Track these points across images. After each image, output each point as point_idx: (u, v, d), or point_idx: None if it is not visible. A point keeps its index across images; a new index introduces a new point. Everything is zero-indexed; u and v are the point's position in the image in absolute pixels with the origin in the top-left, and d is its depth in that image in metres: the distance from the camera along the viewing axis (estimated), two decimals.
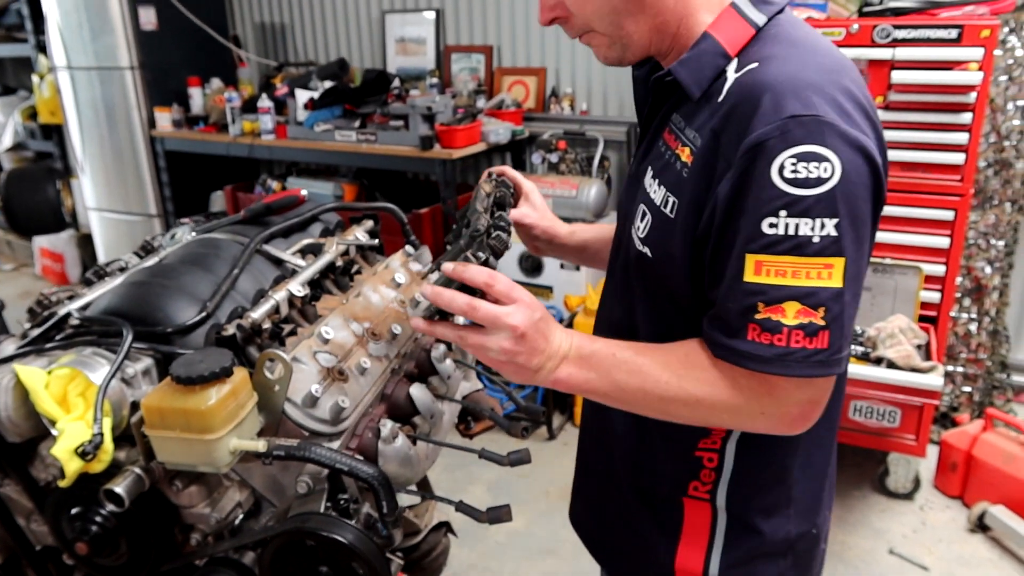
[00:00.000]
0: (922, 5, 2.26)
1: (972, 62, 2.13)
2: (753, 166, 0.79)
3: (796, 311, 0.79)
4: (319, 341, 1.10)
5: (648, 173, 0.98)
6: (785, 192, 0.78)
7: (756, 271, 0.80)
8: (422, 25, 4.26)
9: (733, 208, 0.81)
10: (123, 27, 4.26)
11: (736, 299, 0.82)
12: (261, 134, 3.92)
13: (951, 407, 3.03)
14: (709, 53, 0.89)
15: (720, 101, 0.85)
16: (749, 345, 0.81)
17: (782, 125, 0.78)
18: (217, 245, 1.23)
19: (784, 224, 0.78)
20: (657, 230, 0.93)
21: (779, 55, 0.84)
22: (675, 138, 0.93)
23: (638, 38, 0.94)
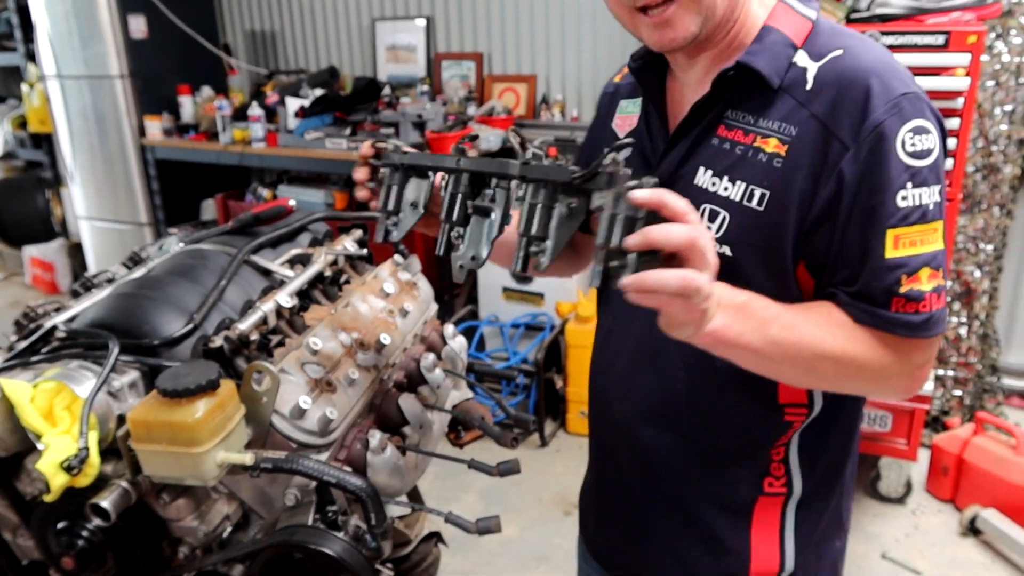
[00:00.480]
0: (909, 11, 2.27)
1: (959, 68, 2.15)
2: (880, 144, 0.85)
3: (928, 276, 0.86)
4: (307, 352, 1.10)
5: (702, 173, 0.97)
6: (909, 165, 0.85)
7: (895, 245, 0.85)
8: (413, 33, 4.26)
9: (865, 187, 0.86)
10: (113, 35, 4.26)
11: (879, 276, 0.86)
12: (252, 142, 3.92)
13: (942, 411, 3.04)
14: (779, 44, 0.92)
15: (810, 89, 0.90)
16: (897, 316, 0.86)
17: (897, 103, 0.85)
18: (205, 256, 1.23)
19: (912, 195, 0.85)
20: (741, 227, 0.93)
21: (856, 45, 0.91)
22: (743, 132, 0.94)
23: (718, 11, 0.91)
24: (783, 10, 0.95)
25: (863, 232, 0.86)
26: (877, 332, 0.87)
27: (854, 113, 0.86)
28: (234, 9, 4.91)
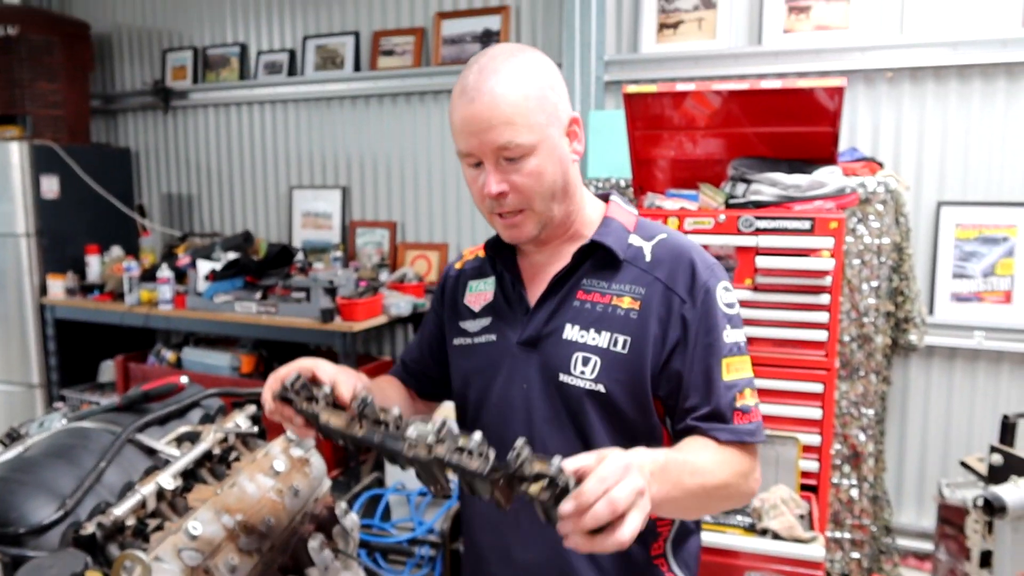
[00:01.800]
0: (779, 199, 2.52)
1: (824, 250, 2.37)
2: (708, 297, 1.17)
3: (750, 393, 1.16)
4: (186, 538, 1.07)
5: (569, 328, 1.21)
6: (728, 314, 1.18)
7: (727, 370, 1.15)
8: (329, 201, 4.41)
9: (703, 329, 1.16)
10: (23, 195, 4.24)
11: (723, 396, 1.14)
12: (159, 304, 3.88)
13: (842, 574, 3.08)
14: (619, 229, 1.24)
15: (649, 261, 1.22)
16: (741, 426, 1.13)
17: (712, 268, 1.20)
18: (86, 435, 1.20)
19: (732, 335, 1.17)
20: (611, 367, 1.18)
21: (671, 231, 1.27)
22: (600, 294, 1.21)
23: (555, 219, 1.21)
24: (615, 207, 1.28)
25: (705, 363, 1.15)
26: (733, 447, 1.12)
27: (687, 277, 1.18)
28: (151, 172, 5.00)
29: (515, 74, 1.13)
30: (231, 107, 4.64)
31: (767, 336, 2.50)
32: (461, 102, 1.14)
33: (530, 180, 1.14)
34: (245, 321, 3.66)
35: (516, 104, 1.11)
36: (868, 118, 3.26)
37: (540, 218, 1.19)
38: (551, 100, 1.15)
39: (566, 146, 1.19)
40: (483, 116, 1.11)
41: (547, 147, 1.14)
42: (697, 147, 2.90)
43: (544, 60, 1.19)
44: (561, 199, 1.20)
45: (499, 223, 1.22)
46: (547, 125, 1.14)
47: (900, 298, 2.99)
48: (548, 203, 1.18)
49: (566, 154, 1.19)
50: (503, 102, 1.10)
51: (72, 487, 1.06)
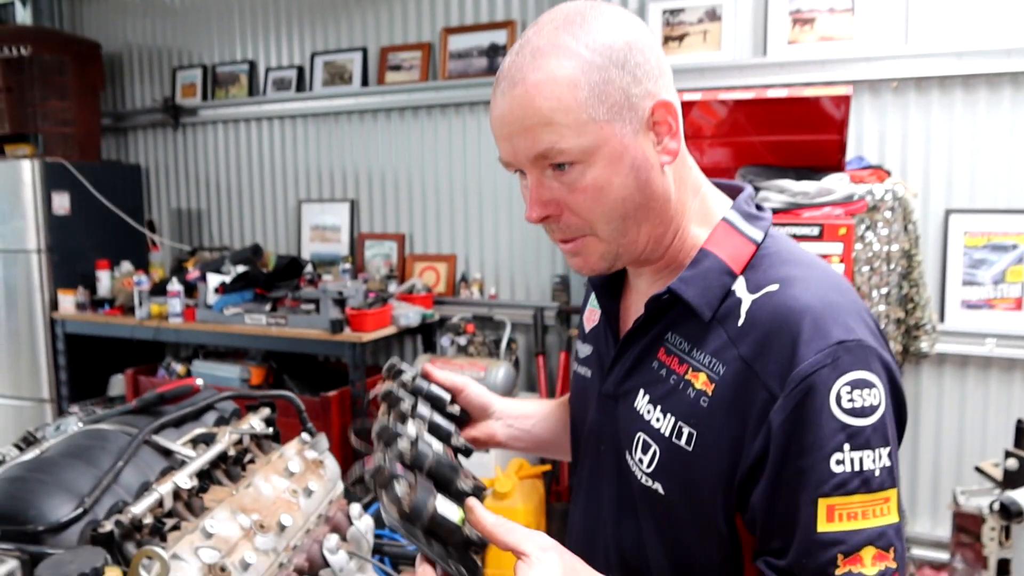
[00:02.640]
0: (787, 206, 2.53)
1: (834, 255, 2.38)
2: (809, 398, 0.74)
3: (872, 556, 0.72)
4: (202, 536, 1.07)
5: (641, 396, 0.89)
6: (846, 424, 0.73)
7: (829, 517, 0.72)
8: (337, 214, 4.44)
9: (792, 445, 0.74)
10: (34, 212, 4.28)
11: (812, 554, 0.73)
12: (169, 317, 3.90)
13: None
14: (715, 272, 0.85)
15: (741, 325, 0.81)
16: None
17: (832, 352, 0.75)
18: (103, 437, 1.21)
19: (850, 459, 0.73)
20: (671, 464, 0.84)
21: (798, 276, 0.81)
22: (679, 361, 0.86)
23: (635, 245, 0.87)
24: (724, 231, 0.87)
25: (792, 498, 0.75)
26: None
27: (781, 357, 0.76)
28: (161, 188, 5.04)
29: (562, 50, 0.79)
30: (240, 123, 4.68)
31: None
32: (495, 93, 0.84)
33: (587, 198, 0.82)
34: (255, 333, 3.68)
35: (554, 96, 0.79)
36: (874, 127, 3.27)
37: (609, 247, 0.86)
38: (618, 84, 0.79)
39: (649, 146, 0.83)
40: (515, 114, 0.81)
41: (611, 151, 0.81)
42: (704, 156, 2.91)
43: (616, 22, 0.82)
44: (642, 219, 0.85)
45: (563, 251, 0.90)
46: (610, 120, 0.80)
47: (910, 305, 2.98)
48: (619, 226, 0.84)
49: (646, 157, 0.82)
50: (541, 94, 0.79)
51: (90, 486, 1.07)
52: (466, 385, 1.09)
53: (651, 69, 0.82)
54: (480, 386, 1.12)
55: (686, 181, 0.89)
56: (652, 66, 0.82)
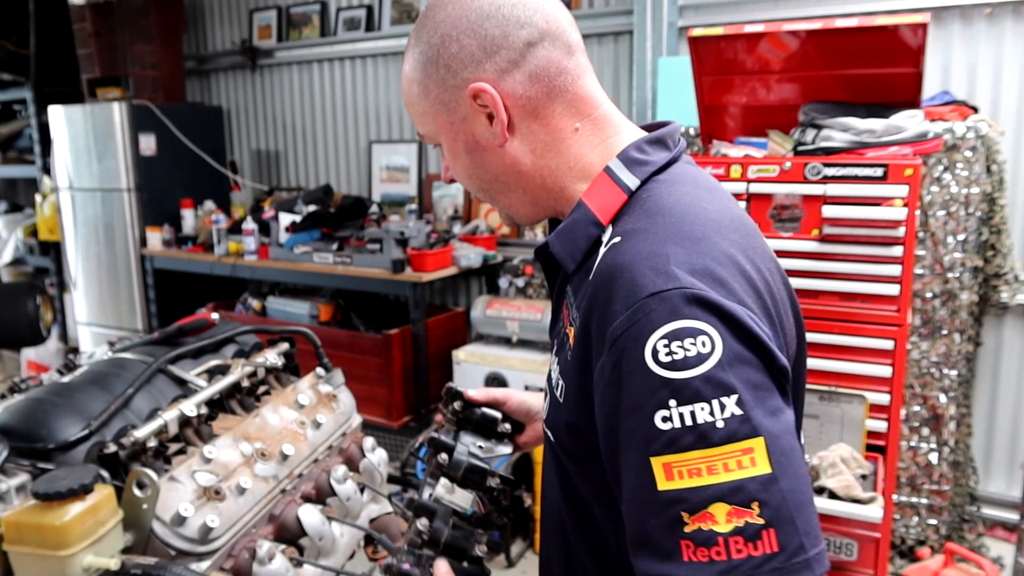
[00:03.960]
0: (851, 145, 2.38)
1: (897, 199, 2.23)
2: (624, 357, 0.70)
3: (727, 513, 0.65)
4: (201, 460, 1.13)
5: (553, 348, 0.93)
6: (667, 379, 0.67)
7: (667, 476, 0.67)
8: (406, 155, 4.48)
9: (618, 407, 0.71)
10: (124, 152, 4.51)
11: (656, 513, 0.68)
12: (244, 254, 4.06)
13: (918, 540, 2.96)
14: (581, 223, 0.84)
15: (590, 280, 0.79)
16: (687, 568, 0.66)
17: (642, 306, 0.70)
18: (122, 365, 1.28)
19: (678, 415, 0.67)
20: (553, 414, 0.87)
21: (641, 228, 0.77)
22: (568, 315, 0.86)
23: (518, 209, 0.93)
24: (601, 181, 0.85)
25: (629, 459, 0.71)
26: None
27: (602, 316, 0.74)
28: (242, 130, 5.20)
29: (410, 47, 0.89)
30: (313, 64, 4.75)
31: (834, 289, 2.39)
32: None
33: (456, 171, 0.93)
34: (322, 271, 3.80)
35: (407, 91, 0.91)
36: (963, 59, 3.01)
37: (497, 210, 0.96)
38: (435, 78, 0.86)
39: (481, 128, 0.86)
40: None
41: (446, 137, 0.89)
42: (771, 93, 2.76)
43: (443, 10, 0.86)
44: (502, 190, 0.91)
45: None
46: (437, 111, 0.88)
47: (991, 253, 2.78)
48: (488, 195, 0.93)
49: (476, 139, 0.87)
50: (402, 88, 0.92)
51: (101, 410, 1.14)
52: (508, 397, 1.17)
53: (469, 56, 0.84)
54: (519, 392, 1.19)
55: (558, 145, 0.87)
56: (472, 51, 0.84)
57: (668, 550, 0.67)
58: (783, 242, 2.42)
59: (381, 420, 3.68)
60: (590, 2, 3.81)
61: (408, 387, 3.70)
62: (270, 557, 1.12)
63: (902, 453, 2.90)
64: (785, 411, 0.70)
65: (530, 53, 0.84)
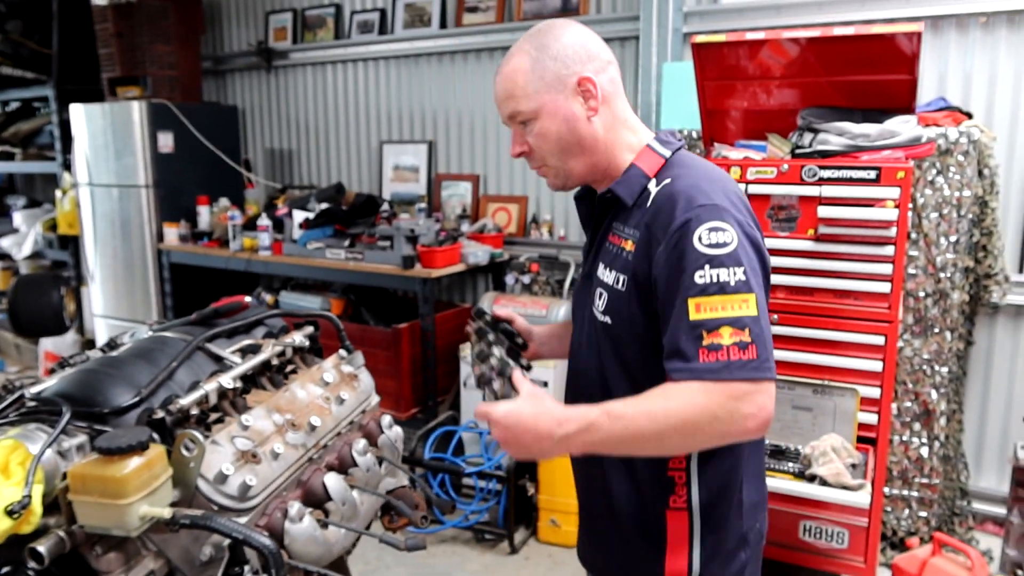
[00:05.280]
0: (846, 148, 2.48)
1: (889, 200, 2.34)
2: (681, 239, 1.17)
3: (730, 333, 1.12)
4: (239, 427, 1.25)
5: (600, 267, 1.34)
6: (705, 253, 1.15)
7: (696, 310, 1.13)
8: (416, 155, 4.60)
9: (672, 270, 1.17)
10: (142, 150, 4.63)
11: (686, 333, 1.13)
12: (259, 250, 4.18)
13: (909, 532, 3.06)
14: (636, 176, 1.32)
15: (648, 206, 1.26)
16: (703, 364, 1.11)
17: (696, 211, 1.19)
18: (165, 342, 1.40)
19: (709, 274, 1.14)
20: (614, 301, 1.29)
21: (683, 174, 1.27)
22: (619, 237, 1.31)
23: (578, 172, 1.36)
24: (645, 152, 1.34)
25: (672, 303, 1.16)
26: (695, 384, 1.11)
27: (666, 219, 1.20)
28: (256, 129, 5.33)
29: (518, 51, 1.31)
30: (327, 65, 4.87)
31: (828, 287, 2.49)
32: None
33: (539, 140, 1.31)
34: (334, 267, 3.91)
35: (512, 79, 1.30)
36: (959, 66, 3.12)
37: (558, 171, 1.35)
38: (551, 69, 1.28)
39: (578, 106, 1.29)
40: (498, 93, 1.33)
41: (549, 111, 1.28)
42: (771, 98, 2.87)
43: (554, 32, 1.31)
44: (578, 153, 1.32)
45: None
46: (546, 91, 1.28)
47: (982, 254, 2.89)
48: (562, 159, 1.32)
49: (575, 113, 1.29)
50: (505, 79, 1.31)
51: (148, 381, 1.26)
52: (515, 318, 1.62)
53: (578, 57, 1.29)
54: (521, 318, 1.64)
55: (616, 127, 1.34)
56: (579, 55, 1.29)
57: (691, 355, 1.12)
58: (780, 241, 2.53)
59: (390, 411, 3.78)
60: (598, 7, 3.92)
61: (416, 380, 3.82)
62: (300, 516, 1.23)
63: (894, 447, 3.00)
64: (764, 291, 1.20)
65: (609, 66, 1.33)
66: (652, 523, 1.33)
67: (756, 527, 1.39)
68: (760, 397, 1.12)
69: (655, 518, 1.33)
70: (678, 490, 1.31)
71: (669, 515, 1.32)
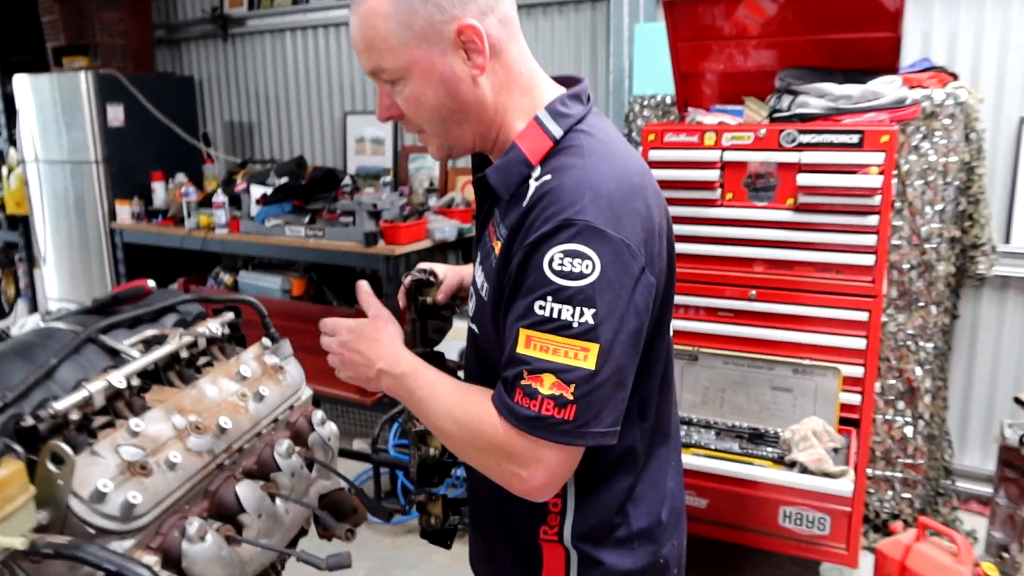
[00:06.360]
0: (827, 111, 2.32)
1: (873, 166, 2.18)
2: (531, 256, 0.94)
3: (552, 383, 0.91)
4: (127, 434, 1.07)
5: (477, 261, 1.13)
6: (552, 281, 0.91)
7: (526, 344, 0.93)
8: (381, 127, 4.39)
9: (516, 289, 0.96)
10: (91, 123, 4.39)
11: (510, 365, 0.94)
12: (215, 228, 3.97)
13: (892, 514, 2.94)
14: (515, 162, 1.03)
15: (524, 205, 0.99)
16: (514, 404, 0.93)
17: (557, 226, 0.92)
18: (50, 335, 1.22)
19: (550, 308, 0.92)
20: (479, 311, 1.09)
21: (568, 166, 0.98)
22: (495, 232, 1.06)
23: (462, 141, 1.08)
24: (531, 128, 1.04)
25: (510, 325, 0.96)
26: (500, 414, 0.95)
27: (528, 227, 0.96)
28: (214, 101, 5.08)
29: None
30: (287, 32, 4.63)
31: (808, 260, 2.35)
32: None
33: (410, 105, 1.03)
34: (294, 244, 3.71)
35: (372, 25, 0.98)
36: (944, 25, 2.95)
37: (440, 141, 1.08)
38: (421, 14, 0.97)
39: (459, 63, 0.99)
40: (355, 39, 1.02)
41: (421, 69, 0.99)
42: (748, 59, 2.70)
43: None
44: (461, 121, 1.04)
45: None
46: (416, 45, 0.98)
47: (968, 223, 2.74)
48: (440, 127, 1.05)
49: (455, 73, 1.00)
50: (363, 24, 1.00)
51: (19, 381, 1.08)
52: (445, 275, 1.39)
53: (453, 2, 0.97)
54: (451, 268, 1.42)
55: (509, 86, 1.04)
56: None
57: (510, 389, 0.94)
58: (757, 212, 2.37)
59: (354, 396, 3.63)
60: None
61: None
62: (201, 535, 1.06)
63: (877, 427, 2.88)
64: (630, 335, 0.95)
65: (499, 3, 1.01)
66: (526, 551, 1.13)
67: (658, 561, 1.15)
68: (557, 459, 0.94)
69: (529, 545, 1.13)
70: (550, 520, 1.11)
71: (544, 546, 1.12)
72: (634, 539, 1.11)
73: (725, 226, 2.43)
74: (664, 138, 2.42)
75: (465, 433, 0.99)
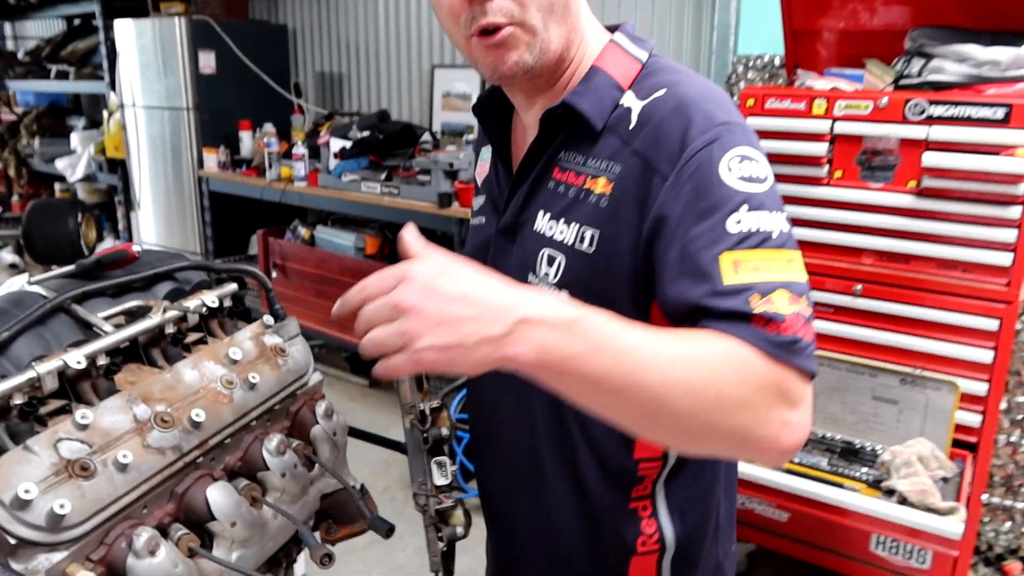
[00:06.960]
0: (966, 80, 1.95)
1: (1021, 147, 1.81)
2: (701, 170, 0.80)
3: (789, 299, 0.73)
4: (72, 426, 0.92)
5: (541, 217, 0.94)
6: (739, 191, 0.78)
7: (734, 270, 0.75)
8: (468, 81, 4.18)
9: (689, 214, 0.79)
10: (183, 70, 4.38)
11: (722, 297, 0.74)
12: (294, 180, 3.90)
13: (1009, 549, 2.58)
14: (605, 86, 0.91)
15: (632, 128, 0.87)
16: (762, 331, 0.71)
17: (718, 131, 0.81)
18: (20, 302, 1.08)
19: (747, 221, 0.77)
20: (575, 269, 0.89)
21: (680, 80, 0.88)
22: (575, 174, 0.92)
23: (551, 46, 0.90)
24: (612, 51, 0.94)
25: (693, 259, 0.77)
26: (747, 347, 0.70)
27: (673, 145, 0.82)
28: (306, 50, 5.00)
29: None
30: None
31: (930, 254, 2.00)
32: None
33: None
34: (369, 201, 3.59)
35: None
36: None
37: (533, 40, 0.87)
38: None
39: None
40: None
41: None
42: (874, 16, 2.34)
43: None
44: (561, 17, 0.89)
45: (480, 48, 0.88)
46: None
47: None
48: (545, 18, 0.87)
49: None
50: None
51: None
52: None
53: None
54: None
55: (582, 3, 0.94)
56: None
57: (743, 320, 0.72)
58: (871, 194, 2.04)
59: None
60: None
61: None
62: (151, 548, 0.91)
63: (998, 448, 2.50)
64: None
65: None
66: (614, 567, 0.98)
67: (732, 548, 1.08)
68: (807, 408, 0.72)
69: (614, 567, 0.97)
70: (644, 527, 0.95)
71: (633, 563, 0.96)
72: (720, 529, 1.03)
73: (831, 208, 2.11)
74: (765, 104, 2.11)
75: (708, 386, 0.68)
